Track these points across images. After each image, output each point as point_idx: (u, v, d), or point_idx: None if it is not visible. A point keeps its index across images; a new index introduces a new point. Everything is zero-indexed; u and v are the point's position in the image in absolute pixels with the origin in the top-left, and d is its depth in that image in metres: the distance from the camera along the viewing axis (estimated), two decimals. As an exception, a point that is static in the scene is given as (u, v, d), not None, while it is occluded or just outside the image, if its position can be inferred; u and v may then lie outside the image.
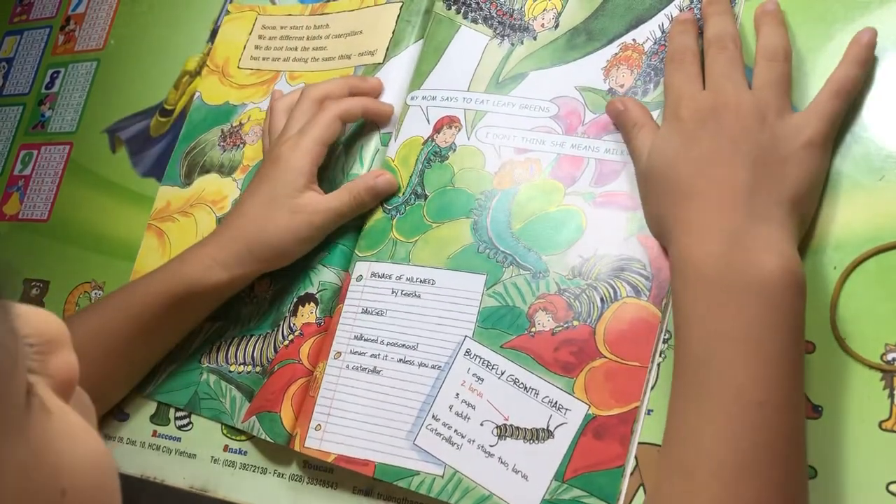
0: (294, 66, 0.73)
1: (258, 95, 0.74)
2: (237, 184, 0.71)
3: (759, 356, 0.41)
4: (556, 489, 0.48)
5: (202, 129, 0.75)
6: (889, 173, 0.47)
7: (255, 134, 0.72)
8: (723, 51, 0.50)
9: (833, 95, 0.48)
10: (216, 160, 0.73)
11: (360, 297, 0.59)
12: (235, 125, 0.73)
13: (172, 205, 0.73)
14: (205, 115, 0.76)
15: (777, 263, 0.42)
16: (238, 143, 0.72)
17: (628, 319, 0.50)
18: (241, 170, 0.71)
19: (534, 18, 0.61)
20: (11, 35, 0.92)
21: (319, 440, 0.56)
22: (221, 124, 0.74)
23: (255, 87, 0.75)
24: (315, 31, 0.74)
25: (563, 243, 0.54)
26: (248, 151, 0.72)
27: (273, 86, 0.73)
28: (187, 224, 0.71)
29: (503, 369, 0.52)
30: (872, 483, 0.42)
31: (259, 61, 0.75)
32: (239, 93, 0.75)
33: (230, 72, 0.77)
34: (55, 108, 0.85)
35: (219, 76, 0.77)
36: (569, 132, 0.57)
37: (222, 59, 0.78)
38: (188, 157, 0.75)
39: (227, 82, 0.76)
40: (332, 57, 0.71)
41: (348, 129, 0.65)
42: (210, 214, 0.70)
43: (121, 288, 0.63)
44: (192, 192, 0.73)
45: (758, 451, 0.40)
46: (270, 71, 0.74)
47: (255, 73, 0.75)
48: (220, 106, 0.75)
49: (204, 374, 0.64)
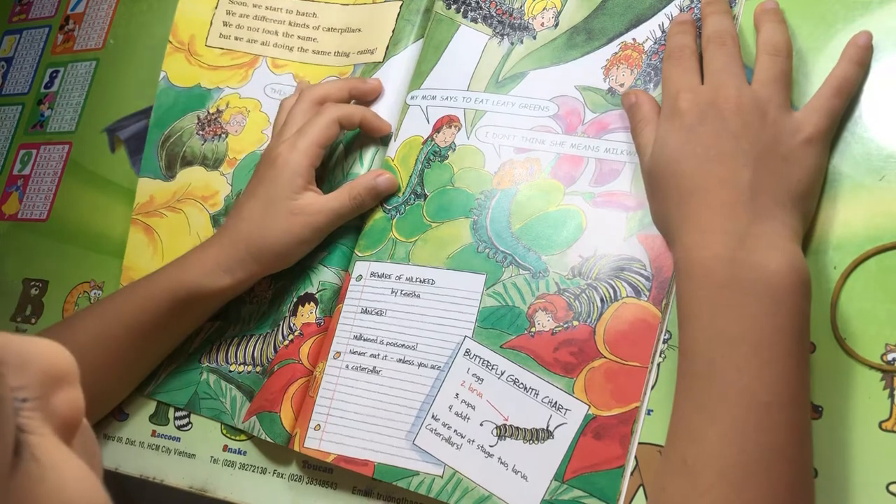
0: (276, 52, 0.72)
1: (235, 80, 0.72)
2: (226, 178, 0.70)
3: (765, 357, 0.41)
4: (556, 489, 0.48)
5: (175, 115, 0.74)
6: (889, 173, 0.47)
7: (237, 123, 0.71)
8: (721, 47, 0.50)
9: (834, 94, 0.48)
10: (197, 151, 0.72)
11: (359, 296, 0.59)
12: (213, 112, 0.72)
13: (157, 199, 0.72)
14: (174, 100, 0.74)
15: (782, 263, 0.42)
16: (219, 132, 0.71)
17: (628, 320, 0.50)
18: (227, 163, 0.70)
19: (533, 17, 0.61)
20: (10, 34, 0.92)
21: (319, 440, 0.56)
22: (196, 110, 0.73)
23: (230, 69, 0.73)
24: (300, 18, 0.72)
25: (563, 243, 0.54)
26: (232, 143, 0.71)
27: (252, 70, 0.72)
28: (177, 220, 0.71)
29: (503, 369, 0.52)
30: (873, 483, 0.42)
31: (230, 41, 0.73)
32: (211, 74, 0.73)
33: (197, 50, 0.74)
34: (54, 108, 0.85)
35: (185, 54, 0.75)
36: (568, 131, 0.57)
37: (186, 36, 0.75)
38: (165, 146, 0.73)
39: (196, 62, 0.74)
40: (326, 51, 0.71)
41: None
42: (202, 211, 0.70)
43: (120, 290, 0.63)
44: (178, 187, 0.72)
45: (764, 451, 0.39)
46: (246, 53, 0.72)
47: (226, 53, 0.73)
48: (191, 89, 0.74)
49: (204, 373, 0.64)
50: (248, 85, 0.72)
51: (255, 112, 0.71)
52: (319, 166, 0.61)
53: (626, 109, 0.54)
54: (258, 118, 0.71)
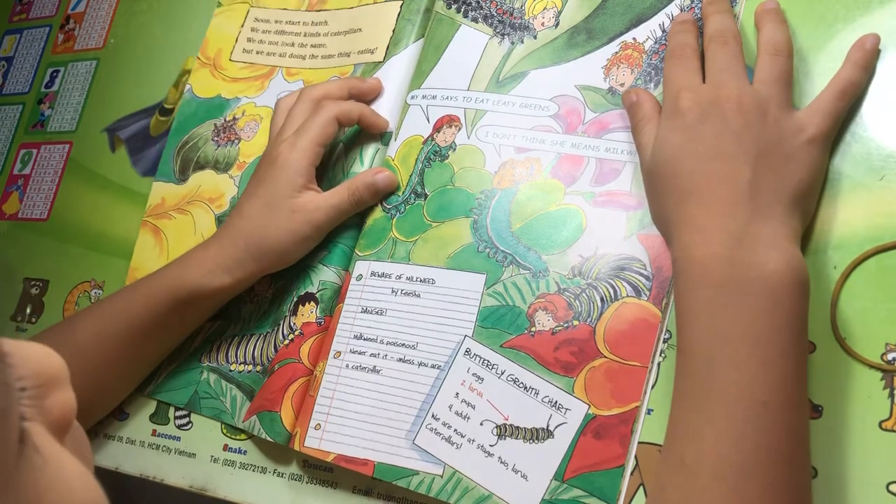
0: (291, 62, 0.73)
1: (252, 90, 0.74)
2: (234, 181, 0.70)
3: (763, 356, 0.41)
4: (556, 489, 0.48)
5: (194, 123, 0.75)
6: (889, 173, 0.47)
7: (250, 129, 0.72)
8: (724, 45, 0.50)
9: (839, 96, 0.48)
10: (210, 155, 0.73)
11: (359, 296, 0.59)
12: (229, 120, 0.73)
13: (168, 202, 0.73)
14: (195, 109, 0.75)
15: (781, 262, 0.42)
16: (233, 138, 0.72)
17: (628, 319, 0.50)
18: (237, 166, 0.71)
19: (534, 17, 0.61)
20: (11, 34, 0.92)
21: (319, 439, 0.56)
22: (214, 118, 0.74)
23: (248, 81, 0.74)
24: (314, 28, 0.73)
25: (564, 243, 0.54)
26: (243, 147, 0.71)
27: (269, 81, 0.73)
28: (185, 222, 0.71)
29: (503, 369, 0.52)
30: (872, 483, 0.42)
31: (252, 55, 0.75)
32: (231, 86, 0.75)
33: (222, 64, 0.76)
34: (55, 108, 0.85)
35: (210, 69, 0.76)
36: (569, 131, 0.57)
37: (214, 52, 0.77)
38: (181, 152, 0.74)
39: (219, 75, 0.76)
40: (331, 55, 0.71)
41: (347, 129, 0.65)
42: (208, 213, 0.70)
43: (121, 290, 0.63)
44: (189, 189, 0.72)
45: (761, 451, 0.39)
46: (265, 66, 0.74)
47: (248, 66, 0.75)
48: (212, 99, 0.75)
49: (204, 373, 0.64)
50: (263, 94, 0.73)
51: (267, 119, 0.72)
52: (319, 165, 0.61)
53: (626, 108, 0.54)
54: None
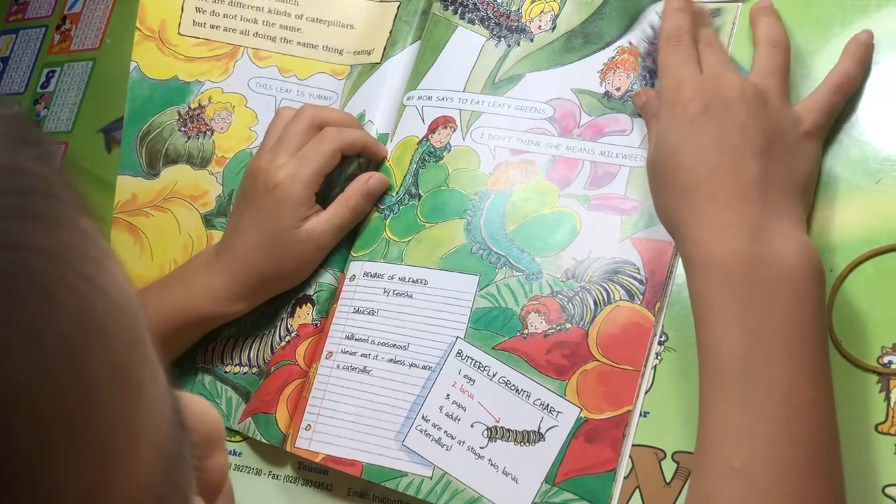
0: (257, 42, 0.69)
1: (216, 73, 0.70)
2: (216, 178, 0.68)
3: (801, 353, 0.40)
4: (547, 492, 0.48)
5: (152, 110, 0.71)
6: (886, 176, 0.47)
7: (222, 120, 0.69)
8: (710, 46, 0.51)
9: (835, 90, 0.48)
10: (181, 149, 0.70)
11: (352, 296, 0.58)
12: (195, 108, 0.70)
13: (140, 198, 0.70)
14: (149, 93, 0.72)
15: (801, 256, 0.42)
16: (203, 129, 0.69)
17: (621, 323, 0.50)
18: (216, 162, 0.69)
19: (531, 20, 0.61)
20: (7, 34, 0.92)
21: (309, 440, 0.55)
22: (176, 104, 0.71)
23: (208, 61, 0.70)
24: (280, 6, 0.70)
25: (557, 245, 0.54)
26: (219, 141, 0.69)
27: (233, 63, 0.69)
28: (165, 220, 0.69)
29: (495, 371, 0.52)
30: (869, 486, 0.42)
31: (206, 29, 0.70)
32: (188, 66, 0.71)
33: (170, 39, 0.71)
34: (51, 108, 0.85)
35: (156, 43, 0.71)
36: (564, 134, 0.57)
37: (156, 23, 0.71)
38: (145, 143, 0.71)
39: (170, 52, 0.71)
40: (313, 44, 0.69)
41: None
42: (192, 211, 0.68)
43: None
44: (163, 185, 0.70)
45: (815, 449, 0.39)
46: (224, 44, 0.70)
47: (203, 43, 0.70)
48: (167, 81, 0.71)
49: (199, 374, 0.63)
50: (229, 78, 0.70)
51: (240, 108, 0.69)
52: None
53: (638, 109, 0.54)
54: (245, 114, 0.69)
